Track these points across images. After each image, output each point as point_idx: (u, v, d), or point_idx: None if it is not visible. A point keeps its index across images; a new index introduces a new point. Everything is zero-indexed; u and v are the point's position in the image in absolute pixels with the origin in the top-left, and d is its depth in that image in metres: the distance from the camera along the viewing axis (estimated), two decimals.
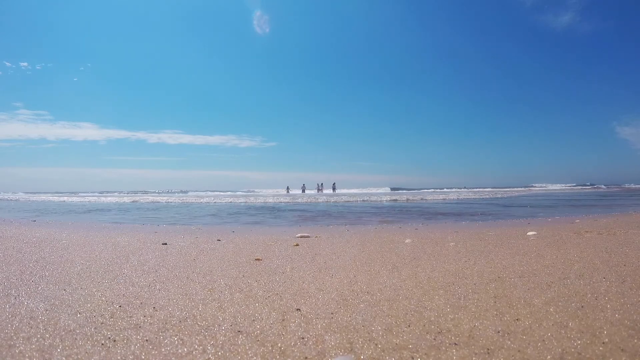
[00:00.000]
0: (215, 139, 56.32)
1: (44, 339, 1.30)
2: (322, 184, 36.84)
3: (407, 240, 3.83)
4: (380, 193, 28.64)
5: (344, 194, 24.88)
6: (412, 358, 1.16)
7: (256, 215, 9.30)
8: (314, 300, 1.76)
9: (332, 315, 1.55)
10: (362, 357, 1.17)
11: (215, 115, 58.30)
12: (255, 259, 2.87)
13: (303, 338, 1.32)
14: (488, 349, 1.20)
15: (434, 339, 1.28)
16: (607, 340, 1.23)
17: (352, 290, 1.93)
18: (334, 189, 36.59)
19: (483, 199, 18.23)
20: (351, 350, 1.22)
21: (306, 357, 1.17)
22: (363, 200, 16.72)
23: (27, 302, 1.72)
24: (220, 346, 1.25)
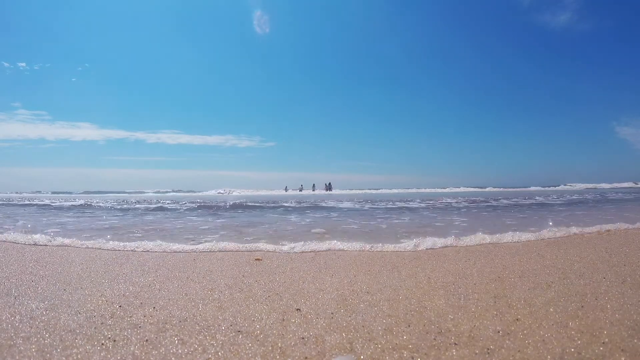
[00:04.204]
0: (213, 139, 56.27)
1: (44, 339, 1.30)
2: (329, 183, 37.62)
3: None
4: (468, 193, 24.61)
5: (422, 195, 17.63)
6: (412, 358, 1.16)
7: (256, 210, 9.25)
8: (314, 300, 1.76)
9: (332, 315, 1.55)
10: (362, 357, 1.17)
11: (214, 115, 58.36)
12: (255, 259, 2.87)
13: (303, 338, 1.32)
14: (488, 349, 1.20)
15: (434, 339, 1.28)
16: (607, 340, 1.23)
17: (352, 290, 1.93)
18: (330, 188, 37.47)
19: None
20: (351, 350, 1.22)
21: (306, 357, 1.17)
22: None
23: (27, 302, 1.72)
24: (220, 346, 1.25)
